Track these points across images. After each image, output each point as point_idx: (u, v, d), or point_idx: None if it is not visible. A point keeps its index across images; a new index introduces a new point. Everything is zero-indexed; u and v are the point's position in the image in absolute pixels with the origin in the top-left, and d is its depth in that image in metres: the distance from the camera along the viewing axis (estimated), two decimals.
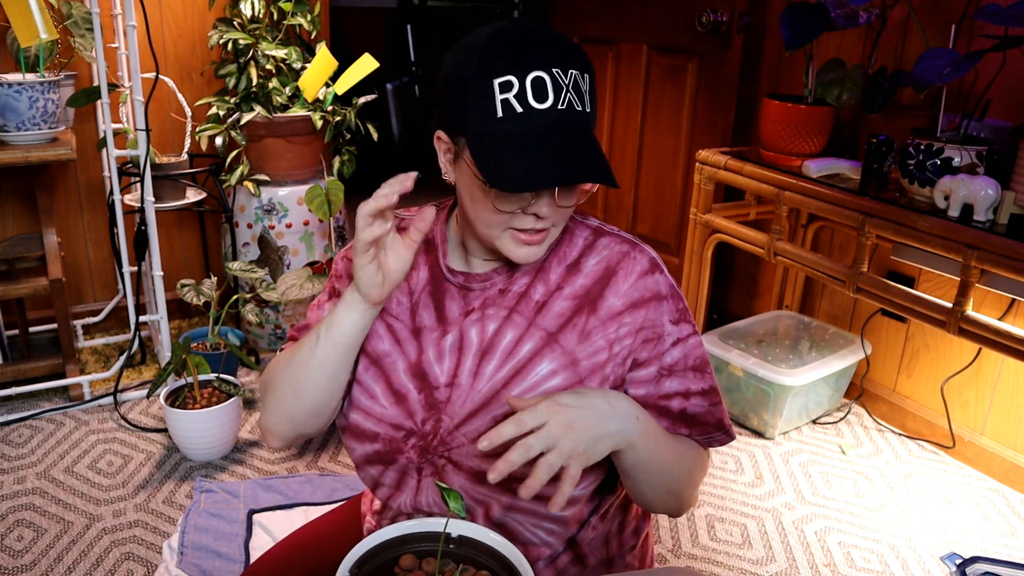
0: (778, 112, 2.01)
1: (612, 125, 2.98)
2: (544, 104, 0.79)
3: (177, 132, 2.57)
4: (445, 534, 0.80)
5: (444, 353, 0.91)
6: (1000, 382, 2.02)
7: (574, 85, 0.80)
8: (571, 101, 0.80)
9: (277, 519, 1.75)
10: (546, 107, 0.79)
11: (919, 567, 1.72)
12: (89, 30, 2.11)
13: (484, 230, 0.86)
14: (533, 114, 0.79)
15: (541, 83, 0.79)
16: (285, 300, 2.20)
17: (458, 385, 0.90)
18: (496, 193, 0.82)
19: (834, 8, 1.89)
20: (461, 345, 0.91)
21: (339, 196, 2.20)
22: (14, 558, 1.65)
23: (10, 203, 2.43)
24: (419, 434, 0.91)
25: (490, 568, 0.79)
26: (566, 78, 0.80)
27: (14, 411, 2.15)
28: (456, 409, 0.90)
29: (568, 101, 0.80)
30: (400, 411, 0.92)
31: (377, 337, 0.94)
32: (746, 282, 2.68)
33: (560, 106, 0.79)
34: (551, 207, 0.83)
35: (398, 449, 0.92)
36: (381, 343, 0.94)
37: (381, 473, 0.95)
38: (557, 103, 0.79)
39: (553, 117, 0.79)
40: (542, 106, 0.79)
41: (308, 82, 2.23)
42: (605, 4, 2.90)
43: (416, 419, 0.91)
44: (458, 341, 0.91)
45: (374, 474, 0.95)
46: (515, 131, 0.79)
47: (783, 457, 2.11)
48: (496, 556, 0.79)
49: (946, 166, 1.66)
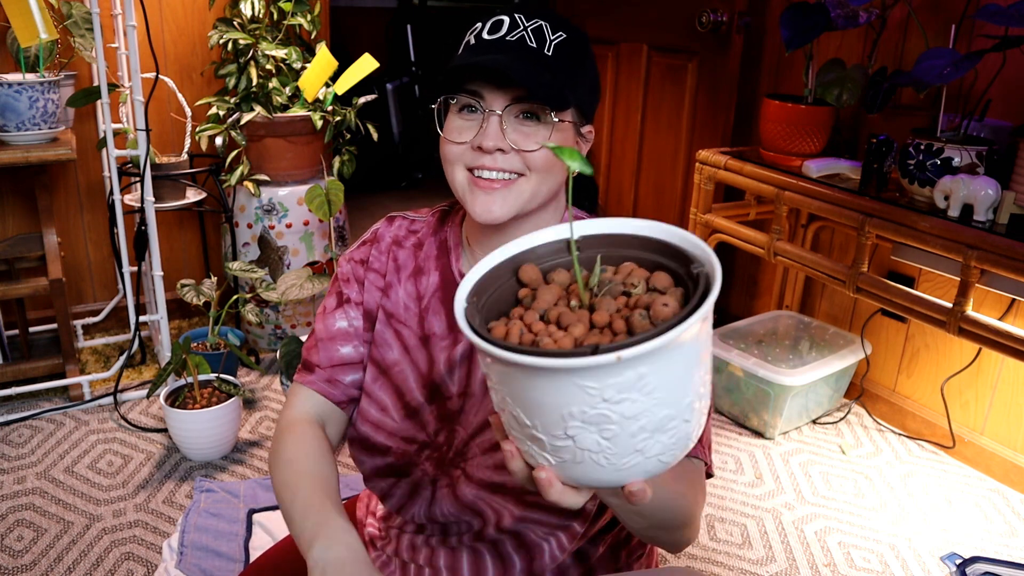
0: (778, 112, 2.01)
1: (612, 125, 2.97)
2: (494, 36, 0.84)
3: (177, 132, 2.57)
4: (570, 240, 0.61)
5: (455, 363, 0.90)
6: (1000, 382, 2.02)
7: (536, 29, 0.83)
8: (524, 37, 0.83)
9: (277, 519, 1.75)
10: (495, 37, 0.84)
11: (919, 567, 1.72)
12: (89, 30, 2.11)
13: (451, 178, 0.87)
14: (482, 43, 0.84)
15: (499, 22, 0.84)
16: (285, 300, 2.20)
17: (471, 395, 0.89)
18: (447, 125, 0.86)
19: (834, 8, 1.89)
20: (472, 354, 0.89)
21: (339, 196, 2.20)
22: (14, 558, 1.65)
23: (10, 203, 2.43)
24: (433, 446, 0.90)
25: (646, 260, 0.59)
26: (527, 22, 0.84)
27: (14, 411, 2.15)
28: (470, 419, 0.89)
29: (520, 36, 0.83)
30: (412, 424, 0.90)
31: (386, 345, 0.92)
32: (746, 282, 2.68)
33: (509, 38, 0.83)
34: (498, 137, 0.83)
35: (412, 462, 0.91)
36: (390, 351, 0.92)
37: (393, 485, 0.93)
38: (507, 36, 0.83)
39: (499, 44, 0.83)
40: (491, 37, 0.84)
41: (308, 82, 2.23)
42: (605, 4, 2.89)
43: (429, 431, 0.90)
44: (468, 350, 0.89)
45: (384, 486, 0.94)
46: (462, 56, 0.85)
47: (783, 457, 2.11)
48: (647, 243, 0.60)
49: (946, 166, 1.66)
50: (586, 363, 0.48)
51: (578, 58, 0.86)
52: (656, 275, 0.57)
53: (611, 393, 0.50)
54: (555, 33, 0.84)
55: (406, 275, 0.95)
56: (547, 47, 0.83)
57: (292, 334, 2.50)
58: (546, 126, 0.84)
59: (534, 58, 0.83)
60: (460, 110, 0.85)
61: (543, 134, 0.84)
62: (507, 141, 0.83)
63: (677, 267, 0.57)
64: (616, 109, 2.94)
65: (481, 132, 0.83)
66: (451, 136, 0.85)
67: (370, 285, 0.95)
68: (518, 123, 0.84)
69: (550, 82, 0.81)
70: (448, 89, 0.84)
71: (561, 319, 0.55)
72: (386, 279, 0.95)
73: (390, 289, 0.94)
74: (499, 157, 0.83)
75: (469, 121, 0.84)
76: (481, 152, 0.83)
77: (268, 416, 2.21)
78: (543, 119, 0.84)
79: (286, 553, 1.06)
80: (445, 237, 0.95)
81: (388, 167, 4.43)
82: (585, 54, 0.87)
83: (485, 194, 0.84)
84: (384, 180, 4.46)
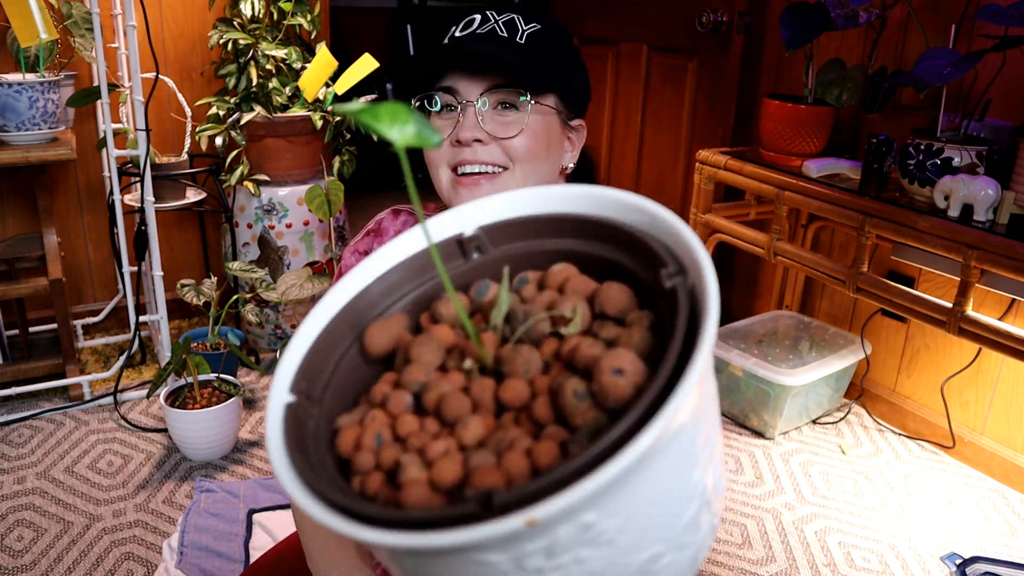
0: (778, 112, 2.01)
1: (612, 125, 2.98)
2: (466, 32, 0.85)
3: (177, 132, 2.57)
4: (453, 238, 0.42)
5: None
6: (1000, 382, 2.02)
7: (507, 21, 0.84)
8: (495, 29, 0.84)
9: (277, 519, 1.75)
10: (466, 33, 0.84)
11: (919, 567, 1.72)
12: (89, 30, 2.11)
13: (436, 183, 0.87)
14: (453, 40, 0.85)
15: (471, 20, 0.85)
16: (285, 300, 2.20)
17: None
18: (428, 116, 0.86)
19: (834, 8, 1.89)
20: None
21: (339, 196, 2.20)
22: (14, 558, 1.64)
23: (10, 203, 2.43)
24: None
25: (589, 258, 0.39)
26: (499, 15, 0.84)
27: (14, 411, 2.15)
28: None
29: (491, 28, 0.84)
30: None
31: None
32: (746, 282, 2.68)
33: (480, 31, 0.84)
34: (475, 128, 0.82)
35: None
36: None
37: None
38: (478, 30, 0.84)
39: (469, 38, 0.84)
40: (463, 33, 0.85)
41: (308, 82, 2.23)
42: (605, 4, 2.89)
43: None
44: None
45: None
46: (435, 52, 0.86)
47: (783, 457, 2.11)
48: (587, 226, 0.39)
49: (946, 166, 1.66)
50: (474, 538, 0.28)
51: (554, 46, 0.86)
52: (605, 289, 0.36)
53: (537, 561, 0.30)
54: (528, 24, 0.84)
55: None
56: (519, 36, 0.84)
57: (292, 334, 2.50)
58: (525, 114, 0.83)
59: (505, 44, 0.83)
60: (439, 112, 0.85)
61: (523, 122, 0.83)
62: (485, 131, 0.83)
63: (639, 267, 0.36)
64: (616, 109, 2.94)
65: (458, 125, 0.83)
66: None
67: None
68: (496, 113, 0.84)
69: (520, 61, 0.82)
70: (422, 89, 0.85)
71: (445, 406, 0.34)
72: None
73: None
74: (479, 149, 0.83)
75: (448, 119, 0.85)
76: (461, 146, 0.83)
77: None
78: (521, 108, 0.83)
79: (286, 553, 1.06)
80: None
81: (388, 167, 4.43)
82: (562, 43, 0.87)
83: (469, 190, 0.84)
84: (384, 180, 4.46)
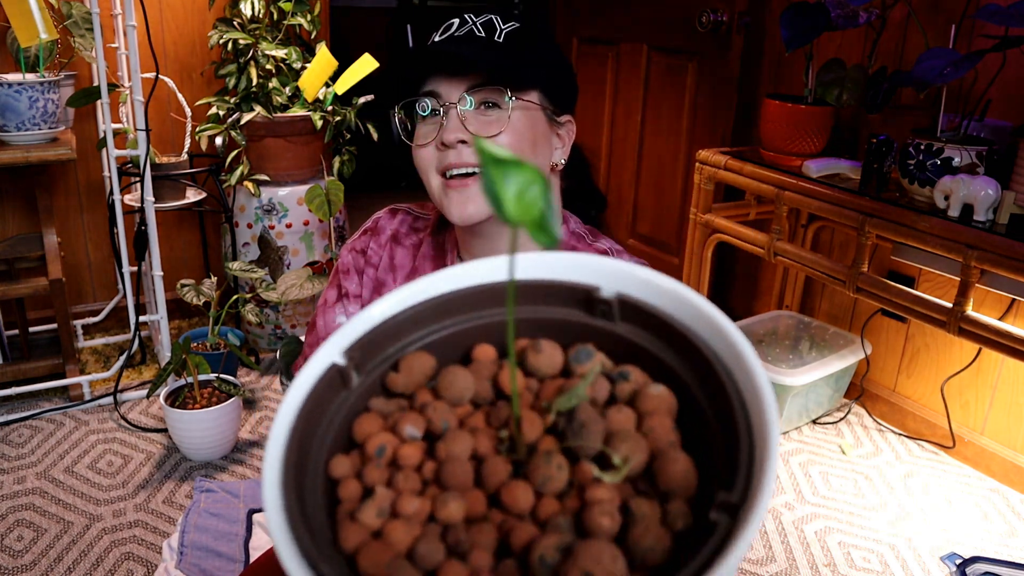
0: (778, 112, 2.01)
1: (612, 125, 2.97)
2: (444, 36, 0.86)
3: (177, 132, 2.57)
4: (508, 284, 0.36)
5: None
6: (1000, 382, 2.02)
7: (485, 23, 0.85)
8: (472, 30, 0.84)
9: None
10: (444, 37, 0.86)
11: (919, 567, 1.72)
12: (89, 30, 2.11)
13: (428, 189, 0.87)
14: (432, 44, 0.86)
15: (449, 24, 0.86)
16: (285, 300, 2.20)
17: None
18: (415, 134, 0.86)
19: (834, 8, 1.88)
20: None
21: (339, 196, 2.20)
22: (14, 558, 1.65)
23: (10, 203, 2.43)
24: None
25: (645, 355, 0.35)
26: (477, 17, 0.85)
27: (14, 411, 2.15)
28: None
29: (469, 30, 0.84)
30: None
31: None
32: (746, 282, 2.68)
33: (457, 34, 0.85)
34: (458, 129, 0.83)
35: None
36: None
37: None
38: (455, 32, 0.85)
39: (446, 41, 0.85)
40: (441, 37, 0.86)
41: (308, 82, 2.23)
42: (605, 4, 2.89)
43: None
44: None
45: None
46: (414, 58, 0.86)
47: (783, 457, 2.11)
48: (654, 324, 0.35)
49: (946, 166, 1.66)
50: None
51: (533, 43, 0.86)
52: (673, 460, 0.30)
53: None
54: (506, 24, 0.85)
55: (402, 276, 0.95)
56: (497, 35, 0.84)
57: (292, 334, 2.50)
58: (507, 112, 0.83)
59: (482, 44, 0.84)
60: (425, 117, 0.86)
61: (506, 121, 0.83)
62: (469, 132, 0.83)
63: (673, 358, 0.31)
64: (616, 109, 2.94)
65: (443, 128, 0.83)
66: (418, 141, 0.86)
67: (367, 279, 0.95)
68: (479, 113, 0.84)
69: (498, 59, 0.82)
70: (405, 95, 0.85)
71: (446, 468, 0.29)
72: (380, 277, 0.95)
73: (383, 288, 0.94)
74: (464, 151, 0.83)
75: (433, 124, 0.85)
76: (447, 148, 0.83)
77: (268, 416, 2.21)
78: (503, 106, 0.83)
79: None
80: (443, 239, 0.95)
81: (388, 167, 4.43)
82: (543, 40, 0.87)
83: (458, 193, 0.84)
84: (384, 180, 4.46)
